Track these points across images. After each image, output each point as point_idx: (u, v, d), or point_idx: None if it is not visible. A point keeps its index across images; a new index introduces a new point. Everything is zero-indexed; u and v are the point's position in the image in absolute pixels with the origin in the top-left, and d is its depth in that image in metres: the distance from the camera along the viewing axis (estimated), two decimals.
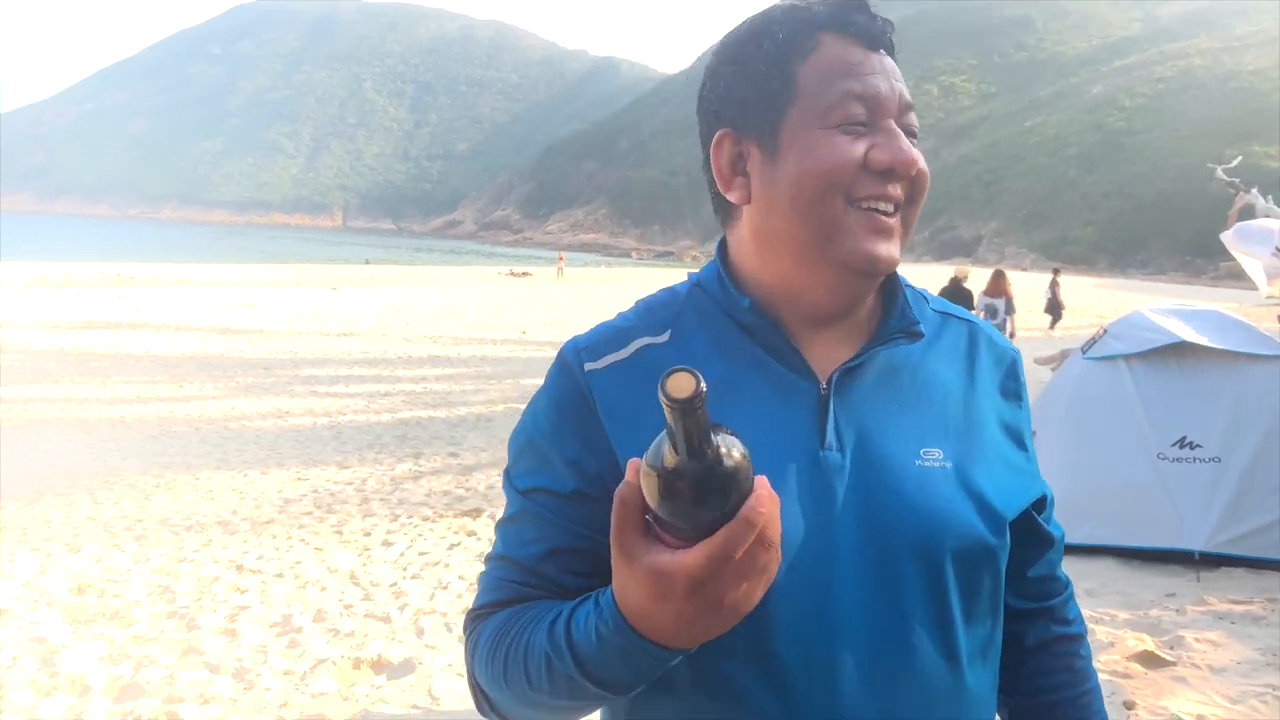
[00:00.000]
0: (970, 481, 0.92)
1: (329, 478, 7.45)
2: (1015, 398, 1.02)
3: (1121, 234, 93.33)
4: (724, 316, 0.96)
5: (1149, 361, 5.24)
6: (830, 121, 0.90)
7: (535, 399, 0.98)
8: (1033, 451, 1.02)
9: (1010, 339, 8.75)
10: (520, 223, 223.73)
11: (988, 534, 0.91)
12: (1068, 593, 1.12)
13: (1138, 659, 3.95)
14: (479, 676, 0.92)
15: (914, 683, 0.88)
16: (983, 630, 0.94)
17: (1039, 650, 1.08)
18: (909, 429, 0.92)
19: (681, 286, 1.02)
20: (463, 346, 16.96)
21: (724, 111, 0.95)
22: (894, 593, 0.87)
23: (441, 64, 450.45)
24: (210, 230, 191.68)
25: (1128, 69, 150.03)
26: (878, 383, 0.94)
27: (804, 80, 0.91)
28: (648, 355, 0.94)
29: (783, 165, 0.91)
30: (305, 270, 44.39)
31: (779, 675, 0.86)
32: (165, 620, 4.42)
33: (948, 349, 1.00)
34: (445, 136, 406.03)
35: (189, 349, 15.31)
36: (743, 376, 0.93)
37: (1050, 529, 1.07)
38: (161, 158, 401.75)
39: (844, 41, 0.92)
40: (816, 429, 0.90)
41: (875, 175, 0.89)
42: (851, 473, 0.89)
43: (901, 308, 0.97)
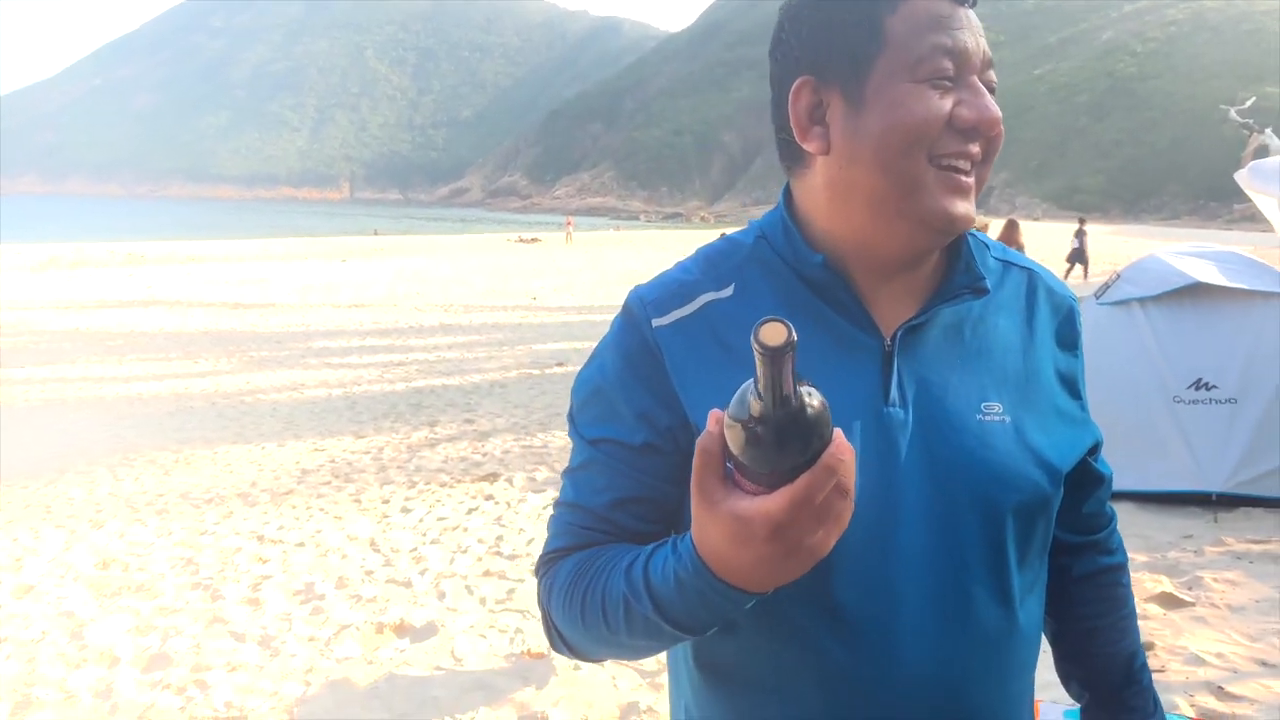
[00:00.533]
0: (1029, 435, 0.93)
1: (346, 448, 7.49)
2: (1072, 346, 1.03)
3: (1134, 181, 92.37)
4: (789, 270, 0.95)
5: (1164, 304, 5.20)
6: (919, 75, 0.87)
7: (602, 349, 0.98)
8: (1086, 399, 1.03)
9: None
10: (527, 188, 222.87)
11: (1044, 485, 0.93)
12: (1112, 525, 1.16)
13: (1156, 600, 3.96)
14: (555, 617, 0.93)
15: (971, 628, 0.90)
16: (1032, 572, 0.96)
17: (1085, 580, 1.12)
18: (970, 383, 0.93)
19: (744, 236, 1.00)
20: (474, 314, 16.97)
21: (805, 57, 0.92)
22: (954, 544, 0.89)
23: (442, 29, 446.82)
24: (218, 206, 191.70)
25: (1138, 13, 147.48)
26: (941, 338, 0.95)
27: (893, 31, 0.88)
28: (713, 311, 0.94)
29: (867, 117, 0.88)
30: (314, 243, 44.43)
31: (842, 620, 0.88)
32: (190, 591, 4.47)
33: (1008, 299, 1.00)
34: (449, 103, 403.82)
35: (202, 325, 15.38)
36: (808, 332, 0.91)
37: (1101, 469, 1.09)
38: (167, 133, 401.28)
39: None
40: (881, 385, 0.91)
41: (958, 133, 0.88)
42: (914, 428, 0.90)
43: (967, 262, 0.96)
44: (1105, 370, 5.19)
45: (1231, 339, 5.02)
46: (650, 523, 0.93)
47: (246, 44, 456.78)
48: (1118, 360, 5.15)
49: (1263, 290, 5.11)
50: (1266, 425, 4.89)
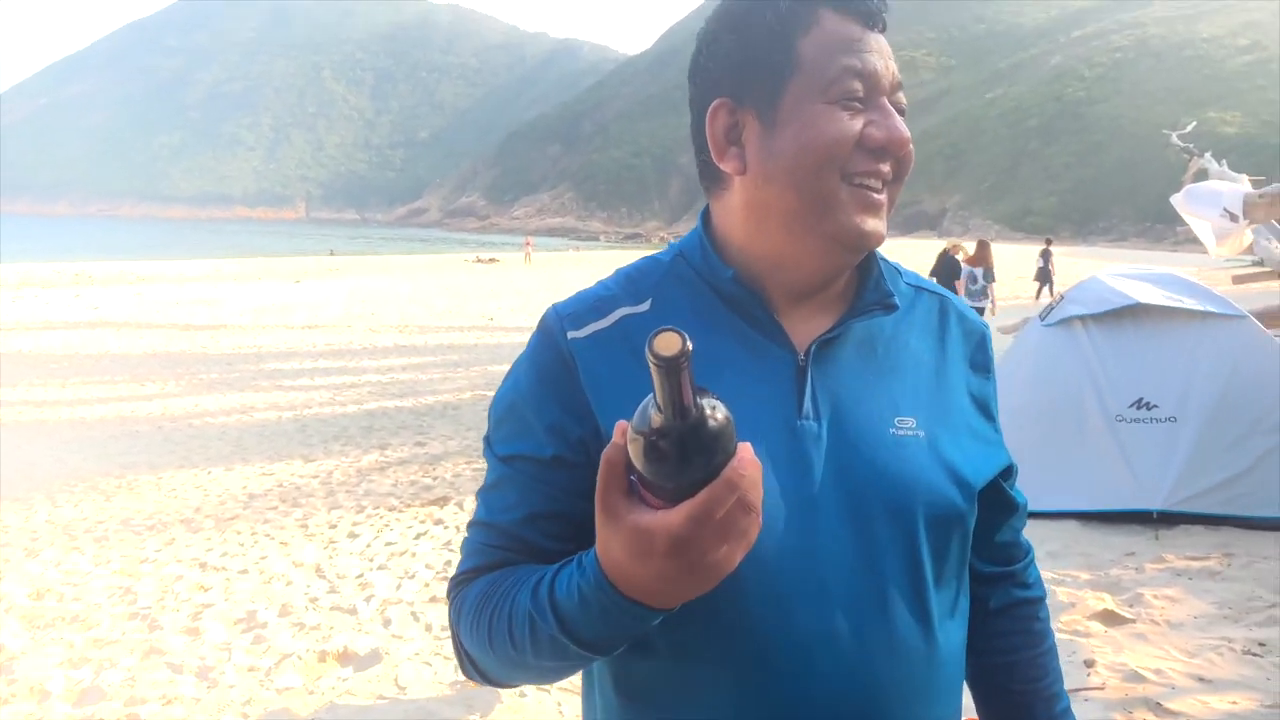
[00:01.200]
0: (942, 450, 0.94)
1: (294, 471, 7.38)
2: (984, 370, 1.04)
3: (1083, 203, 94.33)
4: (705, 286, 0.97)
5: (1105, 324, 5.29)
6: (830, 96, 0.90)
7: (516, 365, 0.99)
8: (999, 423, 1.05)
9: (992, 308, 8.78)
10: (486, 209, 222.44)
11: (959, 500, 0.94)
12: (1029, 558, 1.16)
13: (1098, 617, 4.01)
14: (464, 640, 0.92)
15: (890, 644, 0.90)
16: (950, 592, 0.97)
17: (1001, 613, 1.12)
18: (883, 398, 0.95)
19: (663, 255, 1.02)
20: (429, 335, 16.85)
21: (722, 80, 0.95)
22: (871, 557, 0.89)
23: (400, 50, 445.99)
24: (171, 226, 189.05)
25: (1085, 39, 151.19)
26: (854, 353, 0.96)
27: (805, 54, 0.91)
28: (629, 324, 0.95)
29: (781, 137, 0.91)
30: (268, 264, 43.88)
31: (757, 638, 0.87)
32: (127, 622, 4.36)
33: (920, 321, 1.02)
34: (407, 124, 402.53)
35: (151, 347, 15.10)
36: (723, 347, 0.94)
37: (1015, 496, 1.10)
38: (119, 153, 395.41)
39: (842, 18, 0.92)
40: (795, 399, 0.92)
41: (869, 152, 0.90)
42: (828, 441, 0.91)
43: (876, 280, 0.98)
44: (1050, 390, 5.28)
45: (1171, 359, 5.12)
46: (562, 540, 0.92)
47: (202, 63, 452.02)
48: (1062, 380, 5.24)
49: (1200, 310, 5.22)
50: (1204, 443, 4.99)
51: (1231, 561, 4.56)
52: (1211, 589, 4.25)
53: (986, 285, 12.95)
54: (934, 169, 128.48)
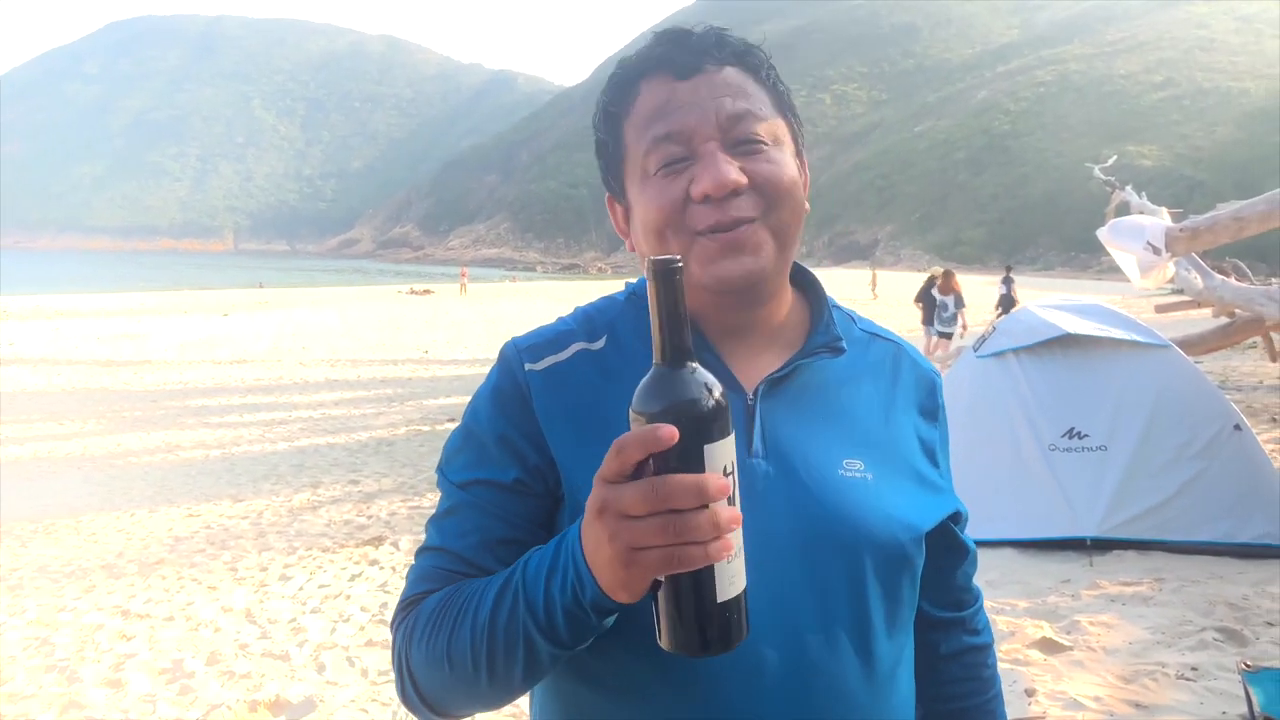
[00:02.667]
0: (888, 493, 0.95)
1: (222, 512, 7.16)
2: (933, 417, 1.06)
3: (1011, 233, 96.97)
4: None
5: (1037, 355, 5.41)
6: (650, 168, 0.94)
7: (477, 396, 1.00)
8: (947, 469, 1.07)
9: (963, 331, 8.98)
10: (420, 239, 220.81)
11: (905, 542, 0.94)
12: (978, 604, 1.17)
13: (1037, 645, 4.05)
14: (414, 662, 0.89)
15: (833, 684, 0.90)
16: (902, 637, 0.97)
17: (951, 659, 1.13)
18: (833, 440, 0.96)
19: (620, 295, 1.06)
20: (362, 369, 16.58)
21: (604, 174, 1.02)
22: (817, 598, 0.90)
23: (333, 80, 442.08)
24: (92, 258, 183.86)
25: (1010, 74, 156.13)
26: (803, 395, 0.97)
27: (628, 137, 0.96)
28: (584, 359, 0.97)
29: (635, 218, 0.97)
30: (195, 297, 42.89)
31: (701, 673, 0.87)
32: (43, 675, 4.15)
33: (872, 366, 1.04)
34: (339, 154, 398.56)
35: (69, 384, 14.61)
36: None
37: (966, 542, 1.12)
38: (36, 183, 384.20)
39: (658, 81, 0.95)
40: (744, 437, 0.92)
41: (706, 204, 0.91)
42: (777, 480, 0.92)
43: (826, 324, 1.01)
44: (985, 420, 5.37)
45: (1100, 388, 5.25)
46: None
47: (125, 91, 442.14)
48: (996, 410, 5.33)
49: (1127, 340, 5.37)
50: (1134, 470, 5.11)
51: (1162, 586, 4.66)
52: (1145, 614, 4.33)
53: (957, 311, 13.77)
54: (866, 200, 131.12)
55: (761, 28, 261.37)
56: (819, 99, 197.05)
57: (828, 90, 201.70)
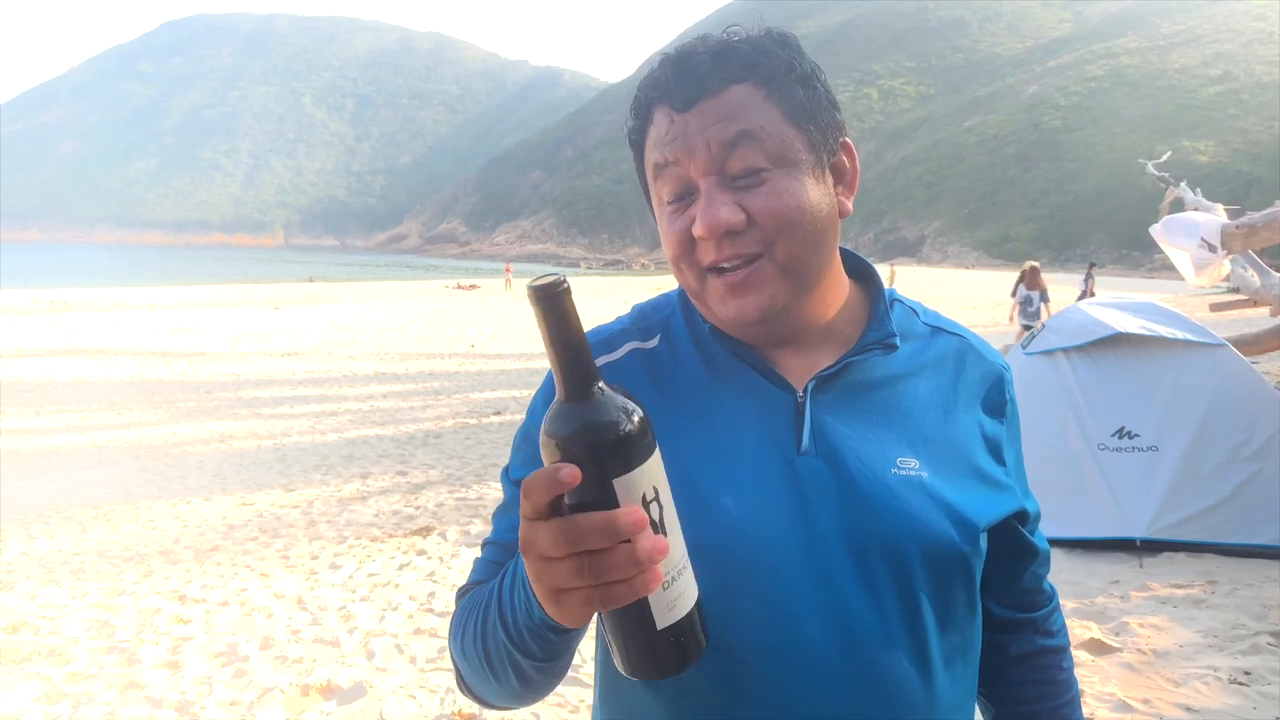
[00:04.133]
0: (945, 491, 0.93)
1: (274, 501, 7.30)
2: (999, 413, 1.02)
3: (1061, 229, 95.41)
4: (709, 330, 0.99)
5: (1087, 354, 5.34)
6: (663, 198, 0.94)
7: (535, 395, 1.02)
8: (1014, 465, 1.03)
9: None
10: (466, 235, 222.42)
11: (959, 541, 0.92)
12: (1052, 605, 1.14)
13: (1085, 647, 4.01)
14: (452, 649, 0.95)
15: (886, 683, 0.89)
16: (957, 636, 0.95)
17: (1022, 661, 1.11)
18: (887, 437, 0.94)
19: (675, 293, 1.05)
20: (410, 362, 16.77)
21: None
22: (869, 596, 0.89)
23: (381, 77, 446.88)
24: (147, 252, 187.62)
25: (1061, 68, 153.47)
26: (857, 392, 0.96)
27: (646, 162, 0.96)
28: (636, 359, 0.99)
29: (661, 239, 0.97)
30: (247, 290, 43.64)
31: (747, 669, 0.88)
32: (104, 656, 4.28)
33: (934, 361, 1.01)
34: (387, 150, 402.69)
35: (127, 375, 14.95)
36: (724, 384, 0.96)
37: (1035, 542, 1.08)
38: (94, 179, 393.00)
39: (661, 111, 0.93)
40: (794, 435, 0.93)
41: (707, 241, 0.90)
42: (829, 477, 0.91)
43: (880, 319, 0.99)
44: (1032, 419, 5.29)
45: (1151, 387, 5.17)
46: None
47: (179, 90, 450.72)
48: (1044, 409, 5.27)
49: (1180, 339, 5.28)
50: (1185, 471, 5.03)
51: (1215, 589, 4.59)
52: (1196, 617, 4.27)
53: (1041, 305, 13.83)
54: (913, 196, 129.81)
55: (806, 23, 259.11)
56: (865, 94, 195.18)
57: (874, 85, 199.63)
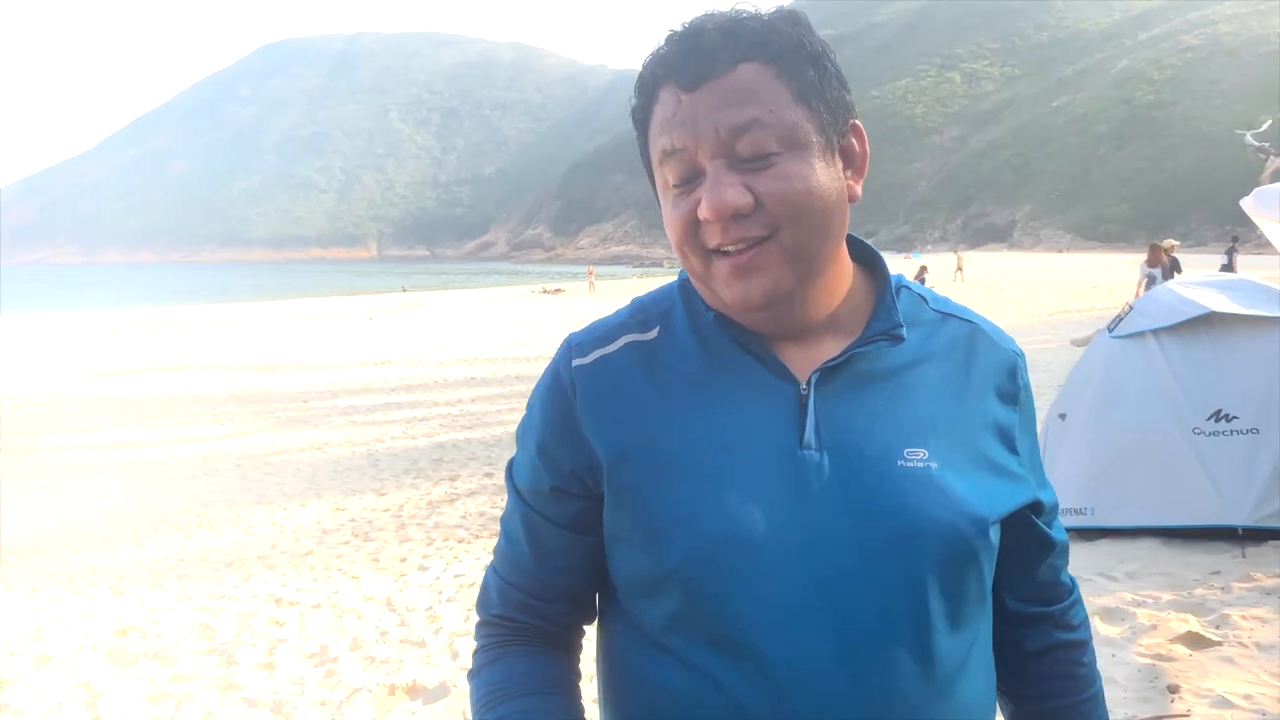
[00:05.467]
0: (954, 482, 0.91)
1: (367, 505, 7.52)
2: (1012, 400, 0.99)
3: (1158, 209, 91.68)
4: (707, 317, 0.97)
5: (1179, 335, 5.12)
6: (668, 181, 0.91)
7: (533, 392, 1.02)
8: (1028, 455, 1.00)
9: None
10: (551, 240, 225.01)
11: (969, 533, 0.90)
12: (1072, 598, 1.11)
13: (1182, 640, 3.85)
14: (472, 694, 1.02)
15: (889, 684, 0.87)
16: (968, 632, 0.93)
17: (1040, 655, 1.08)
18: (894, 429, 0.92)
19: (675, 285, 1.03)
20: (497, 366, 17.06)
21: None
22: (873, 594, 0.87)
23: (465, 89, 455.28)
24: (249, 269, 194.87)
25: (1153, 40, 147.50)
26: (862, 383, 0.94)
27: (651, 142, 0.93)
28: (633, 350, 0.97)
29: (665, 223, 0.95)
30: (342, 302, 44.99)
31: (761, 668, 0.87)
32: (205, 657, 4.48)
33: (943, 349, 0.98)
34: (473, 160, 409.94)
35: (230, 387, 15.57)
36: (725, 375, 0.94)
37: (1052, 534, 1.05)
38: (200, 200, 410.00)
39: (668, 91, 0.90)
40: (796, 428, 0.91)
41: (713, 224, 0.88)
42: (831, 471, 0.89)
43: (886, 309, 0.96)
44: (1122, 404, 5.13)
45: (1249, 368, 4.92)
46: (572, 573, 1.00)
47: (275, 110, 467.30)
48: (1133, 393, 5.08)
49: (1278, 317, 5.02)
50: None
51: None
52: None
53: (1167, 283, 13.19)
54: (1001, 180, 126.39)
55: (887, 8, 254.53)
56: (948, 78, 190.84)
57: (957, 69, 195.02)
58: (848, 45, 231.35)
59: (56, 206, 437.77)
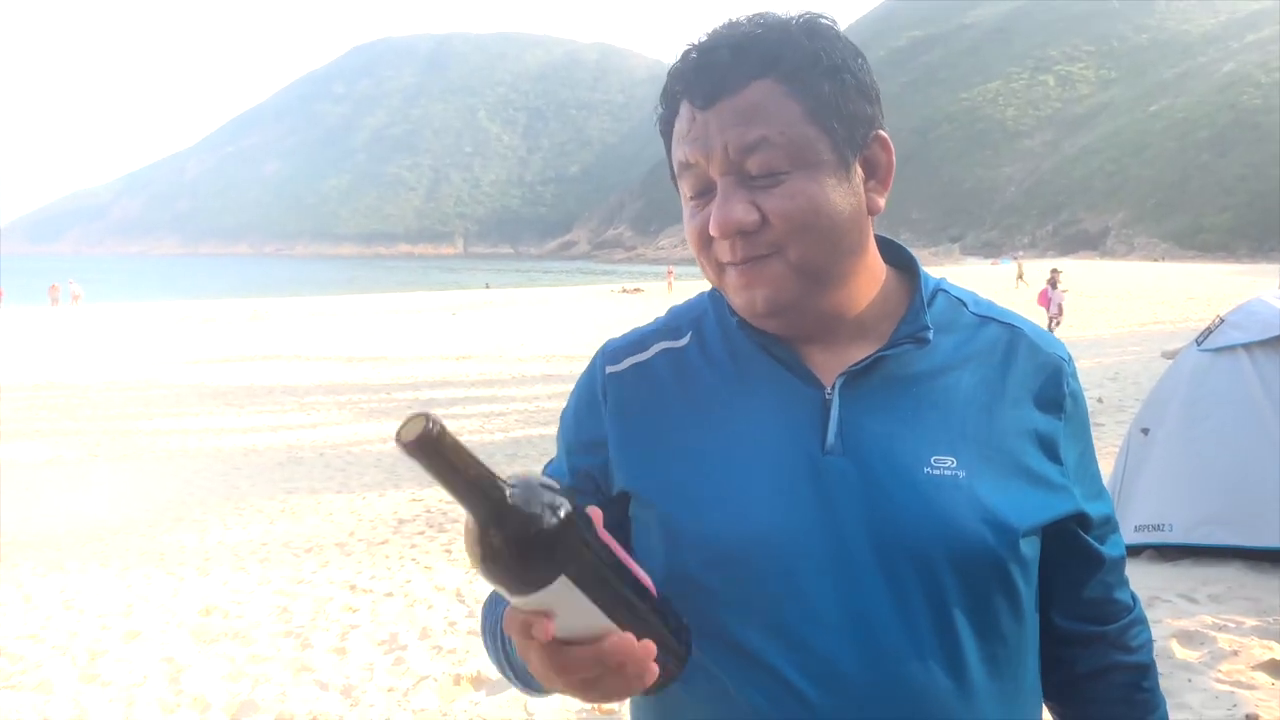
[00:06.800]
0: (983, 491, 0.89)
1: (442, 497, 7.66)
2: (1055, 407, 0.96)
3: (1261, 218, 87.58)
4: (736, 324, 0.99)
5: (1271, 349, 4.92)
6: (686, 193, 0.94)
7: (571, 394, 1.07)
8: (1075, 464, 0.97)
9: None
10: (632, 240, 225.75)
11: (995, 545, 0.88)
12: (1131, 618, 1.05)
13: (1264, 668, 3.71)
14: (484, 638, 1.04)
15: (915, 695, 0.86)
16: (1001, 647, 0.91)
17: (1094, 677, 1.03)
18: (921, 435, 0.90)
19: (705, 294, 1.05)
20: (575, 364, 17.19)
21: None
22: (896, 604, 0.86)
23: (550, 89, 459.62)
24: (339, 263, 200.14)
25: (1261, 43, 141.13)
26: (890, 388, 0.93)
27: (673, 153, 0.95)
28: (665, 358, 1.00)
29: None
30: (427, 297, 45.88)
31: (770, 674, 0.87)
32: (282, 639, 4.64)
33: (980, 353, 0.96)
34: (557, 160, 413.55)
35: (317, 378, 16.03)
36: (752, 380, 0.96)
37: (1102, 549, 1.01)
38: (293, 196, 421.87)
39: (685, 106, 0.92)
40: (820, 433, 0.91)
41: (720, 240, 0.91)
42: (855, 477, 0.88)
43: (915, 312, 0.95)
44: (1210, 420, 4.95)
45: None
46: None
47: (367, 109, 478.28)
48: (1221, 408, 4.90)
49: None
50: None
51: None
52: None
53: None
54: (1094, 186, 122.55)
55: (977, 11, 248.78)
56: (1040, 81, 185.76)
57: (1050, 71, 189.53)
58: (936, 47, 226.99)
59: (158, 200, 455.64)
